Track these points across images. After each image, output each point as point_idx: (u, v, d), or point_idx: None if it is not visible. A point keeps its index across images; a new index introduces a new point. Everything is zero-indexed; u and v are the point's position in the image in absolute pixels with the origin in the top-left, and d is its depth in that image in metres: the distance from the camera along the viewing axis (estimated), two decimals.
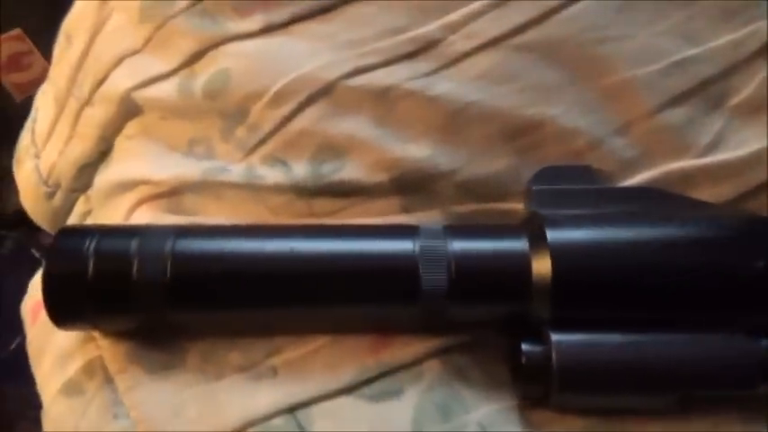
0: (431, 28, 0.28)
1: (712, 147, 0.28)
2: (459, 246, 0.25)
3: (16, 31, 0.75)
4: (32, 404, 0.27)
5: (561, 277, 0.24)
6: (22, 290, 0.32)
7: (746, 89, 0.28)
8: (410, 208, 0.28)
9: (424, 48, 0.28)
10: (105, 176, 0.32)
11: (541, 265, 0.24)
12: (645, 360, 0.23)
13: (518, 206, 0.28)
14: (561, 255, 0.24)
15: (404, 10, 0.28)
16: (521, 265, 0.24)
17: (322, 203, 0.28)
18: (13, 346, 0.63)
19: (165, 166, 0.30)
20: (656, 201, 0.27)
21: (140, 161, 0.31)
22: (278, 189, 0.28)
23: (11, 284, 0.32)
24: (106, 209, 0.32)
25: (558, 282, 0.24)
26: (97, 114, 0.32)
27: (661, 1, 0.28)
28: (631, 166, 0.28)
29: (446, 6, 0.28)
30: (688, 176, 0.28)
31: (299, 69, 0.28)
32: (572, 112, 0.28)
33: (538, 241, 0.25)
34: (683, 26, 0.28)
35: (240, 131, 0.29)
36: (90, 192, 0.34)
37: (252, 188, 0.28)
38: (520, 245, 0.25)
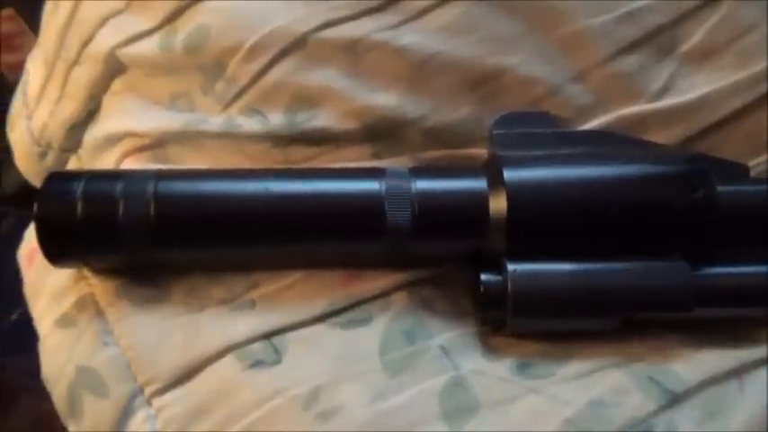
0: None
1: (663, 92, 0.30)
2: (422, 185, 0.27)
3: (8, 11, 0.76)
4: (35, 376, 0.28)
5: (515, 213, 0.26)
6: None
7: (695, 36, 0.30)
8: (380, 154, 0.30)
9: (390, 1, 0.29)
10: (93, 133, 0.34)
11: (498, 203, 0.26)
12: (591, 286, 0.25)
13: (482, 151, 0.30)
14: (516, 192, 0.26)
15: None
16: (479, 202, 0.26)
17: (297, 151, 0.30)
18: (14, 316, 0.65)
19: (149, 118, 0.31)
20: (609, 143, 0.28)
21: (125, 115, 0.32)
22: (255, 137, 0.30)
23: (12, 261, 0.33)
24: (95, 163, 0.33)
25: (512, 217, 0.26)
26: (85, 74, 0.34)
27: None
28: (587, 111, 0.30)
29: None
30: (640, 120, 0.29)
31: (272, 24, 0.30)
32: (530, 62, 0.29)
33: (495, 180, 0.27)
34: None
35: (219, 85, 0.31)
36: (81, 151, 0.35)
37: (230, 137, 0.30)
38: (479, 184, 0.27)
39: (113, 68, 0.33)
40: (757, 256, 0.27)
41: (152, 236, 0.26)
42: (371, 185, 0.27)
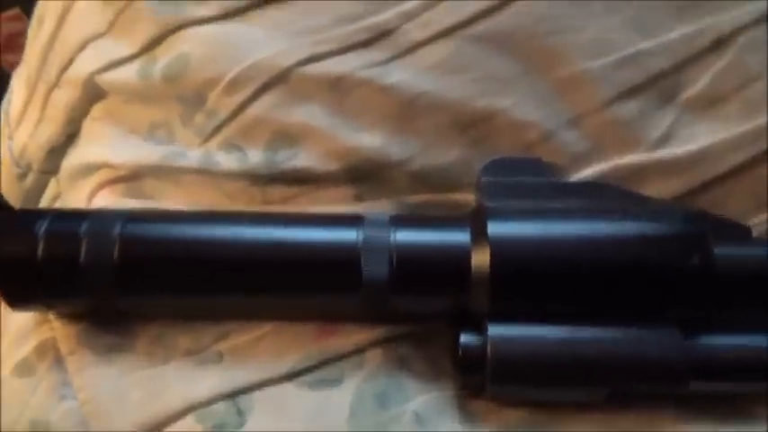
0: (387, 16, 0.28)
1: (663, 141, 0.28)
2: (401, 237, 0.25)
3: (15, 11, 0.75)
4: None
5: (499, 270, 0.24)
6: None
7: (699, 84, 0.28)
8: (362, 197, 0.29)
9: (378, 36, 0.28)
10: (70, 159, 0.32)
11: (481, 258, 0.25)
12: (576, 355, 0.24)
13: (470, 197, 0.28)
14: (500, 248, 0.24)
15: None
16: (461, 257, 0.25)
17: (275, 190, 0.29)
18: None
19: (125, 149, 0.30)
20: (603, 196, 0.27)
21: (102, 144, 0.31)
22: (233, 175, 0.29)
23: None
24: (72, 192, 0.32)
25: (495, 274, 0.24)
26: (64, 97, 0.32)
27: None
28: (582, 159, 0.28)
29: None
30: (638, 171, 0.28)
31: (254, 56, 0.28)
32: (524, 104, 0.28)
33: (479, 234, 0.25)
34: (636, 20, 0.28)
35: (199, 117, 0.29)
36: (59, 176, 0.34)
37: (208, 174, 0.29)
38: (462, 237, 0.25)
39: (92, 94, 0.32)
40: (757, 323, 0.25)
41: (115, 281, 0.25)
42: (348, 235, 0.25)
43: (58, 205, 0.33)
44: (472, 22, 0.28)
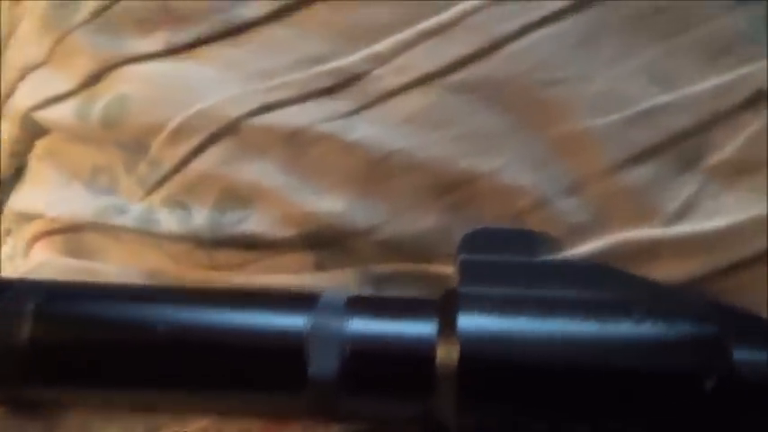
0: (354, 59, 0.24)
1: (681, 214, 0.23)
2: (357, 325, 0.21)
3: None
4: None
5: (468, 371, 0.20)
6: None
7: (729, 146, 0.23)
8: (324, 265, 0.25)
9: (344, 83, 0.24)
10: (12, 202, 0.30)
11: (448, 355, 0.21)
12: None
13: (448, 269, 0.24)
14: (471, 345, 0.20)
15: (325, 36, 0.24)
16: (424, 353, 0.21)
17: (224, 255, 0.25)
18: None
19: (62, 199, 0.27)
20: (602, 282, 0.22)
21: (40, 191, 0.28)
22: (174, 237, 0.25)
23: None
24: (18, 234, 0.29)
25: (464, 376, 0.20)
26: (8, 129, 0.29)
27: (629, 35, 0.23)
28: (583, 231, 0.24)
29: (374, 34, 0.24)
30: (649, 248, 0.23)
31: (201, 102, 0.24)
32: (514, 167, 0.24)
33: (448, 326, 0.21)
34: (655, 66, 0.23)
35: (142, 167, 0.26)
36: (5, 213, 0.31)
37: (148, 234, 0.25)
38: (427, 329, 0.21)
39: (32, 130, 0.28)
40: None
41: (23, 367, 0.21)
42: (294, 321, 0.22)
43: (10, 242, 0.31)
44: (455, 69, 0.23)
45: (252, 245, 0.25)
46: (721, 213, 0.23)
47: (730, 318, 0.22)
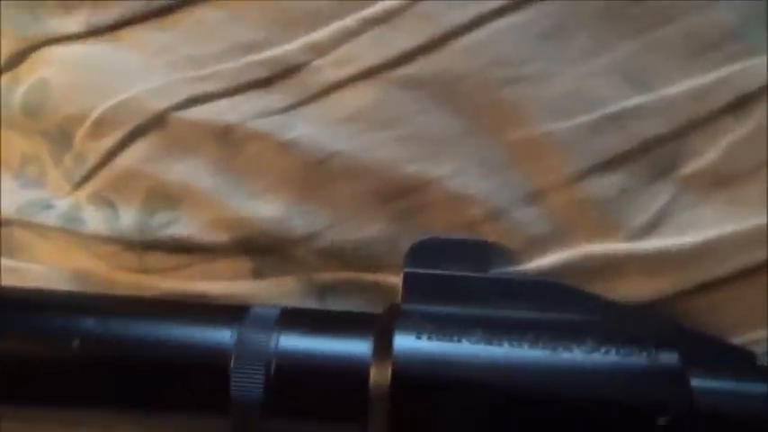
0: (291, 48, 0.21)
1: (651, 228, 0.21)
2: (287, 341, 0.20)
3: None
4: None
5: (402, 394, 0.19)
6: None
7: (707, 155, 0.21)
8: (263, 272, 0.23)
9: (280, 74, 0.22)
10: None
11: (381, 377, 0.19)
12: None
13: (396, 279, 0.22)
14: (406, 368, 0.19)
15: (260, 21, 0.22)
16: (356, 374, 0.19)
17: (155, 259, 0.23)
18: None
19: None
20: (556, 301, 0.21)
21: None
22: (101, 238, 0.23)
23: None
24: None
25: (397, 399, 0.19)
26: None
27: (601, 28, 0.20)
28: (541, 244, 0.22)
29: (314, 21, 0.21)
30: (615, 264, 0.21)
31: (124, 91, 0.22)
32: (467, 173, 0.21)
33: (383, 346, 0.19)
34: (629, 64, 0.21)
35: (67, 159, 0.24)
36: None
37: (73, 234, 0.23)
38: (361, 348, 0.20)
39: None
40: None
41: None
42: (221, 336, 0.20)
43: None
44: (402, 62, 0.21)
45: (184, 248, 0.23)
46: (696, 227, 0.21)
47: (692, 343, 0.20)
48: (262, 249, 0.23)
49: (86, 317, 0.21)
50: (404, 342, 0.19)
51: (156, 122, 0.22)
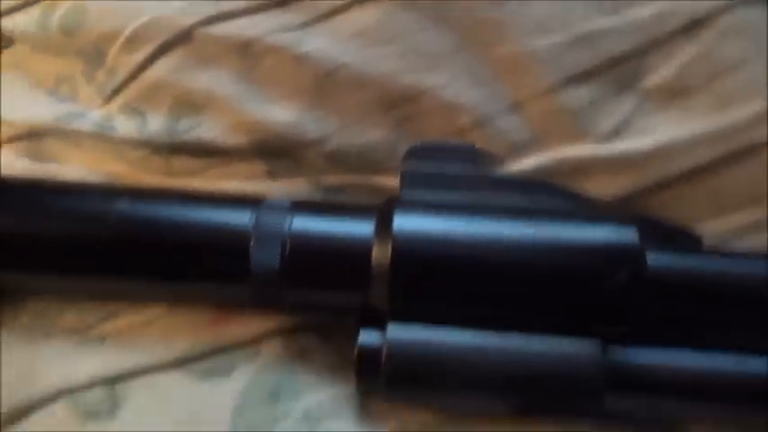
0: None
1: (615, 133, 0.25)
2: (299, 224, 0.23)
3: None
4: None
5: (400, 267, 0.22)
6: None
7: (664, 70, 0.24)
8: (276, 174, 0.26)
9: None
10: None
11: (382, 253, 0.22)
12: (481, 361, 0.21)
13: (394, 181, 0.25)
14: (403, 243, 0.22)
15: None
16: (360, 250, 0.22)
17: (181, 162, 0.26)
18: None
19: (27, 106, 0.28)
20: (536, 194, 0.24)
21: (6, 98, 0.28)
22: (131, 143, 0.26)
23: None
24: None
25: (396, 272, 0.22)
26: None
27: None
28: (521, 148, 0.25)
29: None
30: (583, 165, 0.25)
31: (153, 11, 0.25)
32: (457, 84, 0.24)
33: (384, 227, 0.22)
34: None
35: (100, 74, 0.27)
36: None
37: (105, 139, 0.26)
38: (364, 229, 0.23)
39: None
40: (695, 338, 0.23)
41: None
42: (239, 218, 0.23)
43: None
44: None
45: (206, 152, 0.26)
46: (654, 133, 0.24)
47: (656, 228, 0.23)
48: (276, 152, 0.26)
49: (121, 200, 0.23)
50: (402, 222, 0.22)
51: (183, 38, 0.25)
